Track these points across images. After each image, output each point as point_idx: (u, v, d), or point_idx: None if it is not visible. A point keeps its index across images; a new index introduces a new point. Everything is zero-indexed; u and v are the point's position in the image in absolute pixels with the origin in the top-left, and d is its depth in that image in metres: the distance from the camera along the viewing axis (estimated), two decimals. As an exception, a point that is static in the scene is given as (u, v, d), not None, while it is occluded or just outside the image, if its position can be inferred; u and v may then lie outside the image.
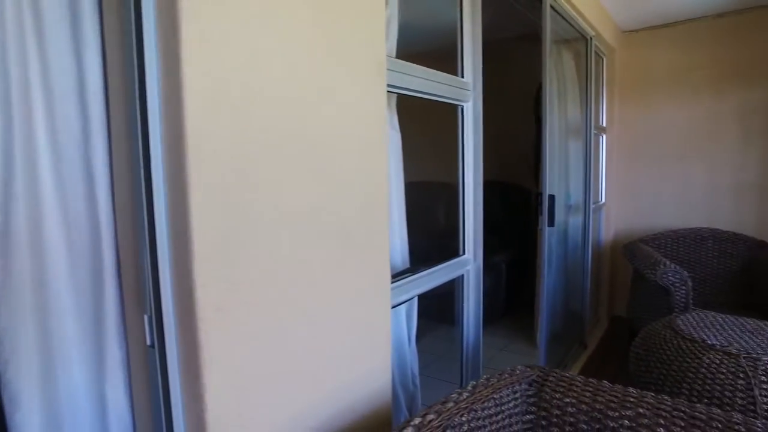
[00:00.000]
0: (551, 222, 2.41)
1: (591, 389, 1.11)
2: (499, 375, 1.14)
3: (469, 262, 1.77)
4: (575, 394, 1.10)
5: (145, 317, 0.83)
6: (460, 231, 1.77)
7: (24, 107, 0.77)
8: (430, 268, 1.55)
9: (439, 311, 2.32)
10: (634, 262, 2.82)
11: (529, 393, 1.14)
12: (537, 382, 1.15)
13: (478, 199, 1.78)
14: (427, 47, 2.11)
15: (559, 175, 2.68)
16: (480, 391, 1.05)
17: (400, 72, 1.33)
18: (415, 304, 1.61)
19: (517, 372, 1.16)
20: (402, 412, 1.57)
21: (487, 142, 1.79)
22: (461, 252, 1.76)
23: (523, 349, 3.23)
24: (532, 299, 3.29)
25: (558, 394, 1.11)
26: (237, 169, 0.82)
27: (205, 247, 0.78)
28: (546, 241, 2.41)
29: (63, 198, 0.82)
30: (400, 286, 1.38)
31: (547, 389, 1.13)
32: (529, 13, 2.63)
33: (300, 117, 0.93)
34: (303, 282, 0.96)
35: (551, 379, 1.16)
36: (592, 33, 2.93)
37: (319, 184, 0.98)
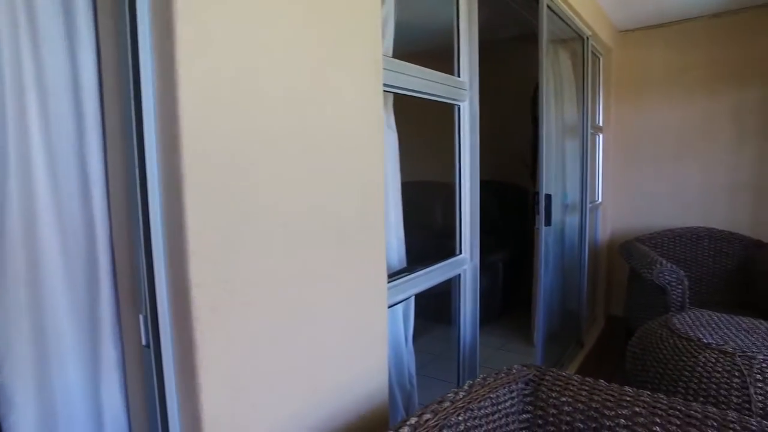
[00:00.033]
0: (548, 221, 2.41)
1: (587, 388, 1.11)
2: (495, 374, 1.14)
3: (465, 262, 1.77)
4: (571, 393, 1.10)
5: (141, 317, 0.83)
6: (457, 230, 1.77)
7: (18, 106, 0.77)
8: (427, 267, 1.55)
9: (436, 311, 2.32)
10: (630, 262, 2.83)
11: (526, 392, 1.14)
12: (533, 382, 1.15)
13: (474, 199, 1.78)
14: (424, 46, 2.11)
15: (555, 175, 2.68)
16: (476, 391, 1.05)
17: (397, 71, 1.33)
18: (412, 304, 1.61)
19: (514, 371, 1.16)
20: (399, 411, 1.57)
21: (484, 141, 1.79)
22: (458, 251, 1.76)
23: (520, 349, 3.23)
24: (529, 298, 3.30)
25: (554, 394, 1.11)
26: (232, 169, 0.82)
27: (200, 247, 0.77)
28: (543, 240, 2.42)
29: (57, 197, 0.82)
30: (396, 286, 1.38)
31: (544, 388, 1.13)
32: (526, 12, 2.63)
33: (295, 116, 0.93)
34: (299, 282, 0.96)
35: (548, 378, 1.16)
36: (588, 33, 2.93)
37: (314, 184, 0.98)
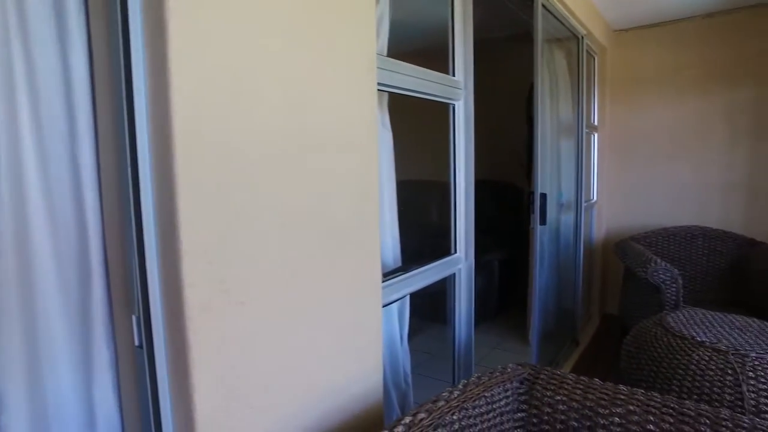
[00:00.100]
0: (543, 220, 2.41)
1: (582, 387, 1.11)
2: (490, 373, 1.14)
3: (460, 261, 1.77)
4: (566, 391, 1.10)
5: (133, 317, 0.83)
6: (452, 230, 1.77)
7: (9, 108, 0.76)
8: (422, 266, 1.55)
9: (431, 310, 2.32)
10: (625, 260, 2.84)
11: (520, 391, 1.15)
12: (528, 380, 1.16)
13: (469, 198, 1.78)
14: (419, 46, 2.11)
15: (551, 174, 2.69)
16: (471, 390, 1.05)
17: (391, 70, 1.33)
18: (407, 303, 1.61)
19: (509, 370, 1.17)
20: (394, 410, 1.57)
21: (479, 140, 1.79)
22: (453, 251, 1.76)
23: (515, 347, 3.24)
24: (524, 297, 3.31)
25: (549, 392, 1.11)
26: (225, 169, 0.82)
27: (193, 247, 0.77)
28: (538, 239, 2.42)
29: (49, 198, 0.81)
30: (391, 285, 1.38)
31: (538, 387, 1.13)
32: (521, 12, 2.64)
33: (289, 115, 0.93)
34: (293, 281, 0.95)
35: (542, 377, 1.16)
36: (583, 32, 2.94)
37: (308, 184, 0.98)
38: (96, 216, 0.86)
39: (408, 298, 1.59)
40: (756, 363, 1.58)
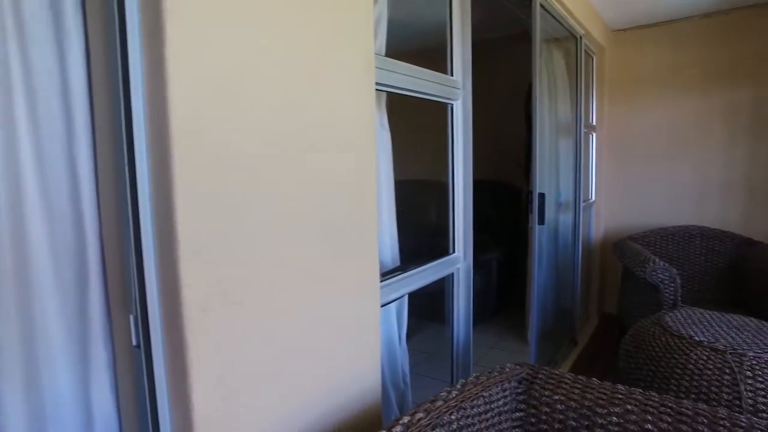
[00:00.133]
0: (541, 220, 2.42)
1: (580, 386, 1.11)
2: (488, 373, 1.14)
3: (459, 261, 1.77)
4: (564, 391, 1.10)
5: (131, 317, 0.83)
6: (450, 229, 1.77)
7: (6, 108, 0.76)
8: (420, 266, 1.55)
9: (429, 309, 2.32)
10: (623, 260, 2.84)
11: (519, 391, 1.15)
12: (526, 380, 1.16)
13: (468, 198, 1.78)
14: (417, 45, 2.11)
15: (549, 174, 2.69)
16: (469, 389, 1.05)
17: (389, 70, 1.33)
18: (405, 303, 1.61)
19: (507, 370, 1.17)
20: (393, 410, 1.57)
21: (477, 140, 1.79)
22: (451, 250, 1.76)
23: (514, 347, 3.24)
24: (522, 297, 3.31)
25: (547, 392, 1.11)
26: (223, 169, 0.82)
27: (191, 247, 0.77)
28: (536, 239, 2.42)
29: (47, 198, 0.81)
30: (389, 285, 1.38)
31: (537, 387, 1.13)
32: (519, 11, 2.64)
33: (287, 116, 0.93)
34: (291, 281, 0.95)
35: (540, 376, 1.16)
36: (581, 32, 2.94)
37: (306, 184, 0.98)
38: (93, 216, 0.86)
39: (406, 298, 1.60)
40: (753, 362, 1.59)
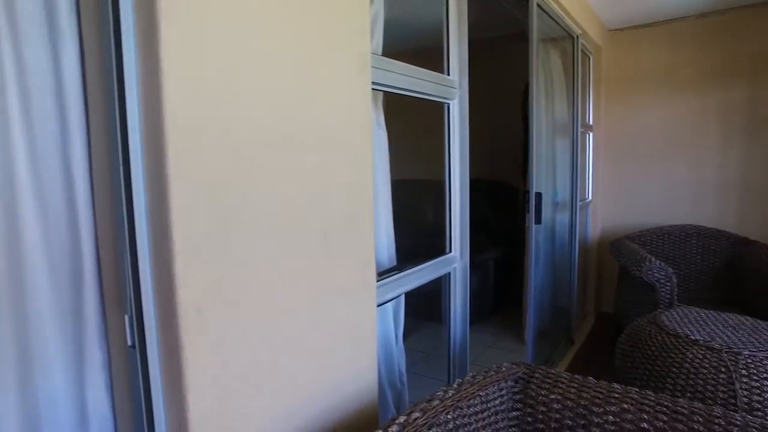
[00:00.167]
0: (538, 219, 2.42)
1: (576, 385, 1.12)
2: (485, 372, 1.14)
3: (455, 260, 1.78)
4: (560, 390, 1.10)
5: (126, 318, 0.82)
6: (447, 229, 1.77)
7: (0, 108, 0.76)
8: (417, 266, 1.55)
9: (426, 309, 2.32)
10: (620, 259, 2.85)
11: (515, 390, 1.15)
12: (523, 379, 1.16)
13: (464, 197, 1.78)
14: (413, 45, 2.11)
15: (546, 173, 2.69)
16: (466, 389, 1.05)
17: (386, 69, 1.33)
18: (402, 302, 1.61)
19: (503, 369, 1.17)
20: (389, 410, 1.57)
21: (474, 139, 1.79)
22: (448, 250, 1.76)
23: (511, 346, 3.25)
24: (519, 296, 3.32)
25: (543, 391, 1.12)
26: (218, 168, 0.81)
27: (186, 247, 0.77)
28: (533, 238, 2.43)
29: (41, 198, 0.81)
30: (386, 284, 1.38)
31: (533, 386, 1.14)
32: (516, 11, 2.64)
33: (283, 115, 0.93)
34: (287, 281, 0.95)
35: (537, 375, 1.16)
36: (578, 31, 2.95)
37: (302, 183, 0.98)
38: (88, 215, 0.85)
39: (403, 298, 1.59)
40: (749, 361, 1.59)
